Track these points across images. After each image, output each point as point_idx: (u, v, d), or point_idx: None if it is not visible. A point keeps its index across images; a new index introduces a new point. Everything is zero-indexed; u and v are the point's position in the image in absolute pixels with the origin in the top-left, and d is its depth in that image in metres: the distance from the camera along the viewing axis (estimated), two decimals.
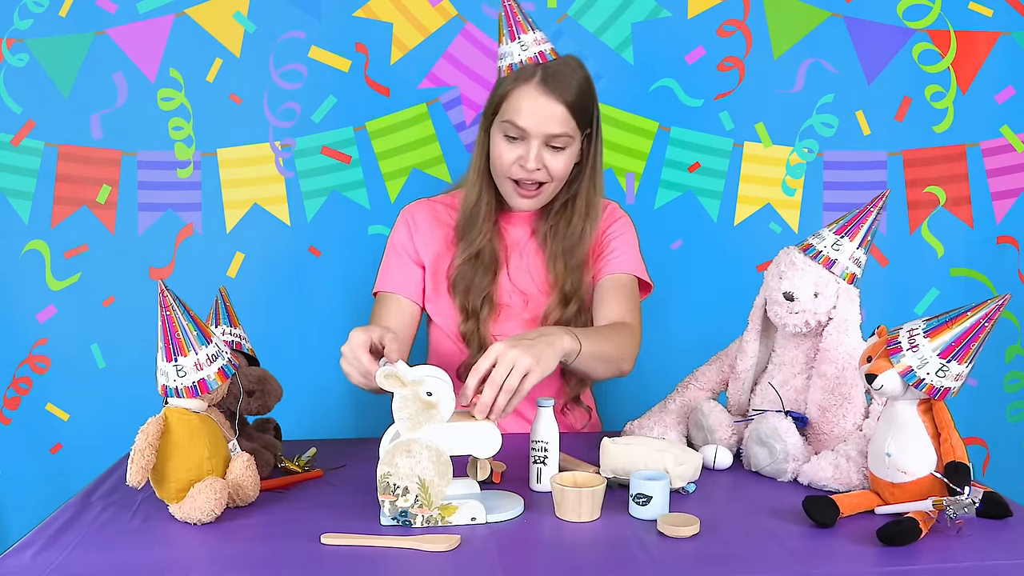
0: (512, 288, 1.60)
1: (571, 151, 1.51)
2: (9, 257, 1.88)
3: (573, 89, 1.47)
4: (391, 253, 1.63)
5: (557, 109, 1.46)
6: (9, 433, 1.92)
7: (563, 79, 1.46)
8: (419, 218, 1.63)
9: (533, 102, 1.46)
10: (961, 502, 1.08)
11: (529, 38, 1.49)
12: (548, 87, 1.45)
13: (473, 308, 1.57)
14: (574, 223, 1.57)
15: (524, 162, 1.48)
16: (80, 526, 1.17)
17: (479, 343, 1.56)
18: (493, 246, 1.58)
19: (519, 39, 1.48)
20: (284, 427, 1.52)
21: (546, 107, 1.45)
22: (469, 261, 1.56)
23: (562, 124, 1.47)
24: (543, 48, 1.49)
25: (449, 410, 1.15)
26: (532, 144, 1.47)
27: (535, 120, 1.46)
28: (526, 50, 1.48)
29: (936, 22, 1.94)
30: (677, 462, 1.24)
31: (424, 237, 1.62)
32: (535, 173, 1.49)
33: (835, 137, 1.97)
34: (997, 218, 2.00)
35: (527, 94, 1.46)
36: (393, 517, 1.16)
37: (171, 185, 1.90)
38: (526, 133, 1.47)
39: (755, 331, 1.44)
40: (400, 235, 1.63)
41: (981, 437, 2.04)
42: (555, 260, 1.58)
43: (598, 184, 1.58)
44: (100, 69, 1.86)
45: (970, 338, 1.12)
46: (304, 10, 1.88)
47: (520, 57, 1.48)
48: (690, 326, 1.97)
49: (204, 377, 1.20)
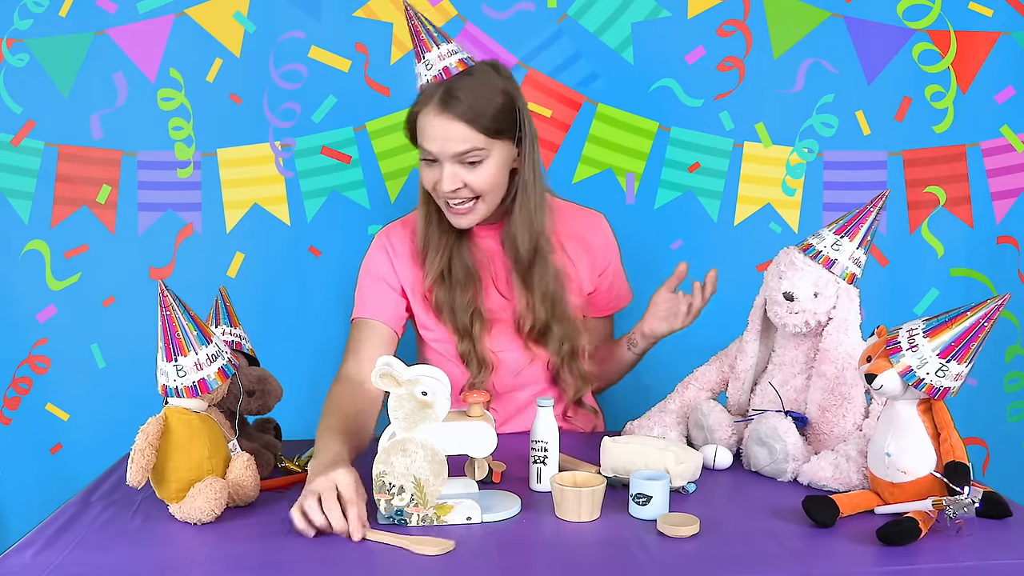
0: (500, 298, 1.58)
1: (491, 163, 1.45)
2: (9, 257, 1.88)
3: (475, 103, 1.41)
4: (366, 279, 1.59)
5: (456, 127, 1.41)
6: (9, 433, 1.92)
7: (461, 95, 1.41)
8: (397, 243, 1.59)
9: (433, 125, 1.42)
10: (961, 502, 1.08)
11: (433, 55, 1.44)
12: (446, 107, 1.41)
13: (464, 327, 1.54)
14: (515, 232, 1.52)
15: (439, 185, 1.45)
16: (80, 526, 1.17)
17: (478, 361, 1.55)
18: (463, 260, 1.54)
19: (424, 59, 1.45)
20: (284, 427, 1.53)
21: (446, 127, 1.41)
22: (440, 282, 1.54)
23: (464, 141, 1.42)
24: (448, 63, 1.44)
25: (445, 410, 1.15)
26: (444, 166, 1.44)
27: (438, 142, 1.42)
28: (430, 69, 1.44)
29: (936, 22, 1.94)
30: (677, 461, 1.24)
31: (403, 261, 1.58)
32: (460, 192, 1.45)
33: (835, 137, 1.97)
34: (997, 218, 2.00)
35: (427, 117, 1.43)
36: (388, 516, 1.16)
37: (171, 185, 1.90)
38: (435, 155, 1.44)
39: (755, 331, 1.44)
40: (377, 261, 1.59)
41: (981, 437, 2.04)
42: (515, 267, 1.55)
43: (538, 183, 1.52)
44: (100, 69, 1.86)
45: (970, 338, 1.12)
46: (304, 10, 1.88)
47: (426, 77, 1.45)
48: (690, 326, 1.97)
49: (204, 377, 1.20)
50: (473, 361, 1.55)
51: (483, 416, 1.19)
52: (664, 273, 1.66)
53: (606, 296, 1.68)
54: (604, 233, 1.66)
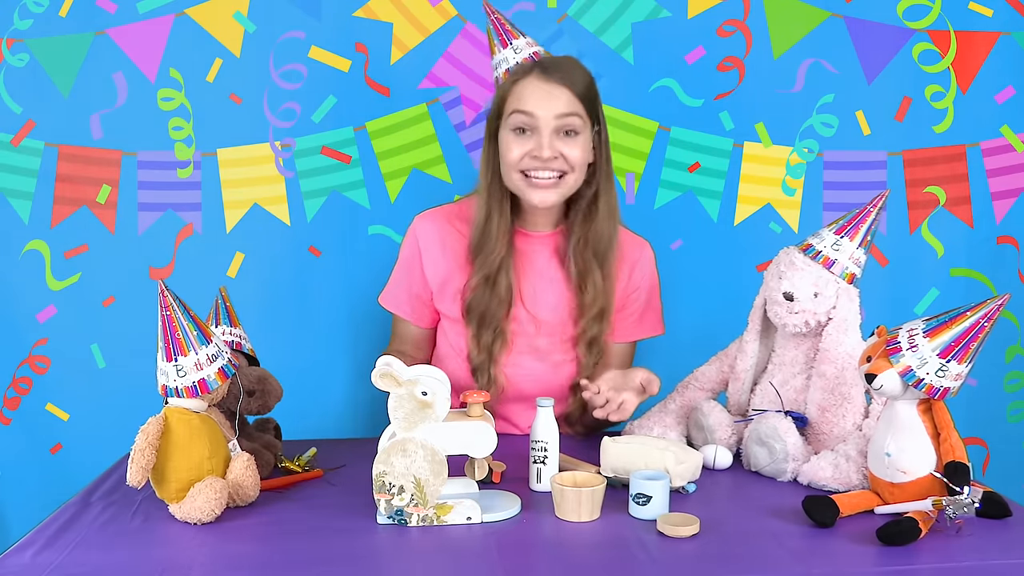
0: (527, 316, 1.57)
1: (584, 139, 1.47)
2: (9, 257, 1.88)
3: (575, 75, 1.46)
4: (400, 269, 1.63)
5: (562, 92, 1.44)
6: (9, 433, 1.92)
7: (562, 67, 1.46)
8: (428, 238, 1.59)
9: (536, 88, 1.44)
10: (961, 502, 1.08)
11: (521, 42, 1.51)
12: (548, 75, 1.45)
13: (485, 344, 1.54)
14: (601, 225, 1.52)
15: (538, 151, 1.44)
16: (80, 526, 1.17)
17: (488, 378, 1.55)
18: (508, 270, 1.53)
19: (511, 44, 1.50)
20: (284, 427, 1.52)
21: (550, 90, 1.44)
22: (484, 284, 1.52)
23: (569, 105, 1.44)
24: (536, 49, 1.51)
25: (444, 410, 1.15)
26: (543, 133, 1.44)
27: (541, 102, 1.44)
28: (520, 53, 1.49)
29: (936, 22, 1.94)
30: (677, 461, 1.24)
31: (433, 257, 1.58)
32: (552, 163, 1.45)
33: (835, 137, 1.97)
34: (997, 218, 2.00)
35: (528, 83, 1.45)
36: (389, 516, 1.16)
37: (171, 185, 1.90)
38: (535, 119, 1.44)
39: (755, 331, 1.44)
40: (409, 252, 1.61)
41: (981, 437, 2.04)
42: (590, 270, 1.53)
43: (613, 184, 1.55)
44: (100, 69, 1.86)
45: (970, 338, 1.12)
46: (304, 10, 1.88)
47: (515, 60, 1.49)
48: (690, 326, 1.97)
49: (204, 377, 1.20)
50: (484, 376, 1.56)
51: (483, 416, 1.19)
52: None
53: (630, 319, 1.64)
54: (644, 257, 1.64)
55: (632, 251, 1.62)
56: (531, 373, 1.58)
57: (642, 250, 1.64)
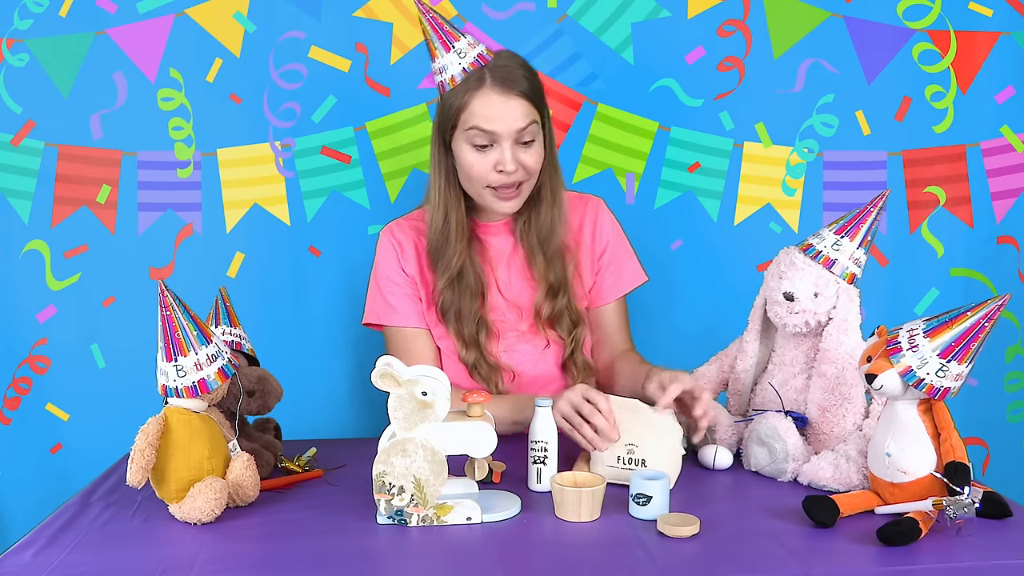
0: (505, 304, 1.59)
1: (539, 142, 1.50)
2: (9, 257, 1.88)
3: (527, 81, 1.47)
4: (388, 284, 1.60)
5: (518, 103, 1.45)
6: (9, 433, 1.92)
7: (514, 75, 1.46)
8: (402, 239, 1.61)
9: (494, 104, 1.44)
10: (961, 502, 1.08)
11: (463, 44, 1.47)
12: (503, 85, 1.45)
13: (470, 336, 1.56)
14: (543, 213, 1.56)
15: (502, 166, 1.46)
16: (80, 526, 1.17)
17: (488, 369, 1.56)
18: (474, 264, 1.56)
19: (454, 48, 1.46)
20: (284, 427, 1.53)
21: (508, 105, 1.45)
22: (451, 285, 1.55)
23: (526, 115, 1.46)
24: (479, 50, 1.48)
25: (445, 410, 1.15)
26: (504, 146, 1.46)
27: (502, 121, 1.45)
28: (464, 57, 1.46)
29: (936, 22, 1.94)
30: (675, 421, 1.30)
31: (409, 258, 1.60)
32: (515, 174, 1.48)
33: (835, 137, 1.97)
34: (997, 218, 2.00)
35: (486, 98, 1.45)
36: (389, 516, 1.16)
37: (171, 185, 1.89)
38: (496, 136, 1.45)
39: (755, 331, 1.44)
40: (388, 259, 1.60)
41: (981, 437, 2.04)
42: (534, 254, 1.58)
43: (557, 168, 1.58)
44: (100, 69, 1.86)
45: (970, 338, 1.12)
46: (304, 10, 1.88)
47: (461, 65, 1.46)
48: (690, 326, 1.97)
49: (204, 377, 1.20)
50: (483, 368, 1.56)
51: (483, 416, 1.19)
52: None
53: (611, 279, 1.66)
54: (601, 217, 1.66)
55: (583, 213, 1.65)
56: (529, 356, 1.60)
57: (594, 207, 1.66)
